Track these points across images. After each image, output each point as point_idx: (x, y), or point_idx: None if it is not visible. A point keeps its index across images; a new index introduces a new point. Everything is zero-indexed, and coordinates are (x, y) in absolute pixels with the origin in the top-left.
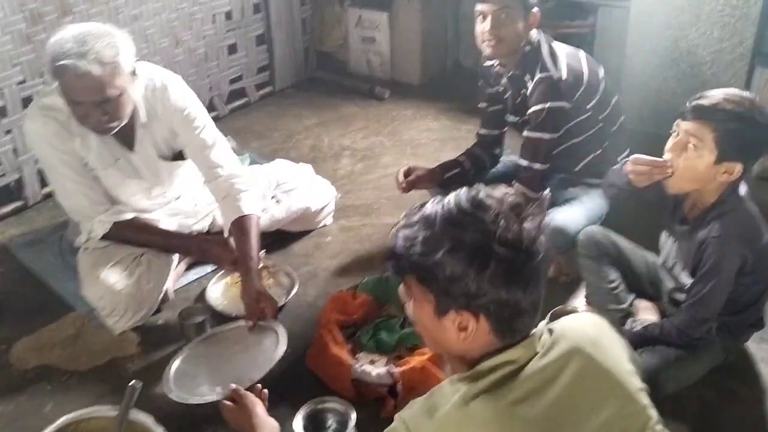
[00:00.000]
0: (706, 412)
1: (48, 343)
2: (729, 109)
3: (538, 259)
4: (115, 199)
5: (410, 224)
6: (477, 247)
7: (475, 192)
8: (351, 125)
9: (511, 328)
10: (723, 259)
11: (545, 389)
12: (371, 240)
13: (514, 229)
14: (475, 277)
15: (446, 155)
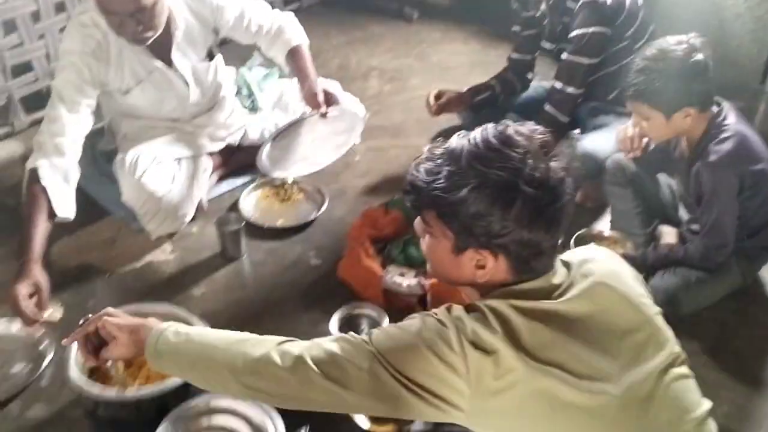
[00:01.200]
0: (723, 333)
1: (86, 244)
2: (637, 81)
3: (564, 200)
4: (149, 113)
5: (433, 158)
6: (504, 185)
7: (503, 127)
8: (379, 45)
9: (529, 268)
10: (718, 184)
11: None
12: (399, 161)
13: (541, 168)
14: (500, 215)
15: (475, 79)
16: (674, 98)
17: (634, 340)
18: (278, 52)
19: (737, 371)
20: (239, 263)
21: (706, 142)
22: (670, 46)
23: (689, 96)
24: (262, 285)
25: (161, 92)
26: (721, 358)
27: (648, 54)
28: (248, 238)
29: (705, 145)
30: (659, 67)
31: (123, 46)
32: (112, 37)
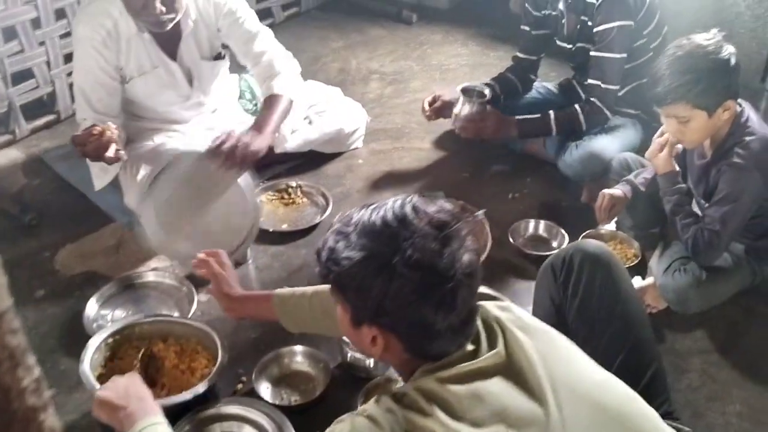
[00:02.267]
0: (733, 332)
1: (90, 251)
2: (678, 83)
3: (455, 282)
4: (149, 108)
5: (338, 229)
6: (383, 263)
7: (406, 204)
8: (379, 48)
9: (423, 351)
10: (739, 186)
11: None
12: (402, 163)
13: (429, 249)
14: (380, 293)
15: (476, 81)
16: (716, 94)
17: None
18: (264, 93)
19: (748, 370)
20: (244, 268)
21: (731, 142)
22: (701, 42)
23: (728, 89)
24: (269, 289)
25: (163, 87)
26: (732, 356)
27: (681, 54)
28: (253, 242)
29: (730, 146)
30: (698, 65)
31: (132, 36)
32: (123, 25)
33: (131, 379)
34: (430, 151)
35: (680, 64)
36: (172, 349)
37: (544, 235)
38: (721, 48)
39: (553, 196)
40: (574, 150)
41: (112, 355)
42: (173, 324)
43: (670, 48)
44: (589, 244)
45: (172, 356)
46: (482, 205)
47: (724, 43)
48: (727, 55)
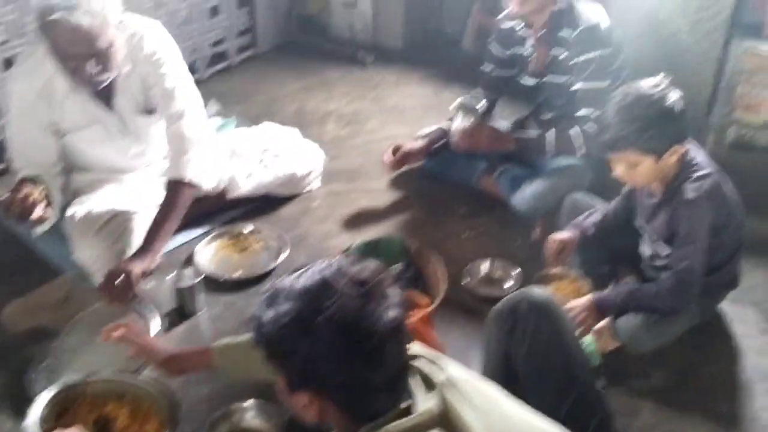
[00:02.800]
0: (683, 368)
1: (38, 305)
2: (627, 132)
3: (380, 339)
4: (92, 161)
5: (267, 296)
6: (306, 325)
7: (329, 266)
8: (335, 90)
9: (360, 412)
10: (696, 222)
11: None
12: (359, 204)
13: (350, 308)
14: (306, 356)
15: (431, 121)
16: (663, 140)
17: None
18: (170, 168)
19: (702, 407)
20: (197, 319)
21: (680, 180)
22: (647, 91)
23: (675, 135)
24: None
25: (101, 141)
26: (685, 394)
27: (628, 102)
28: (206, 291)
29: (680, 184)
30: (645, 113)
31: (69, 90)
32: (57, 82)
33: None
34: (387, 191)
35: (627, 112)
36: (124, 410)
37: (498, 274)
38: (667, 95)
39: (508, 235)
40: (527, 187)
41: (61, 413)
42: (125, 383)
43: (617, 95)
44: (536, 291)
45: (124, 417)
46: (438, 244)
47: (669, 90)
48: (672, 103)
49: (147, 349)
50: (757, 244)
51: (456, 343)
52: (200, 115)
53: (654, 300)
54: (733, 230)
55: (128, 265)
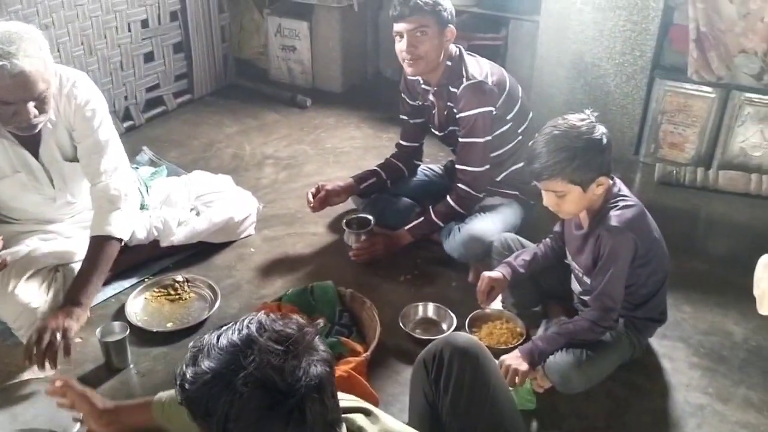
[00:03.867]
0: (615, 406)
1: None
2: (554, 161)
3: (300, 397)
4: (16, 210)
5: (190, 353)
6: (224, 384)
7: (252, 322)
8: (273, 133)
9: None
10: (617, 247)
11: None
12: (295, 249)
13: (269, 365)
14: (223, 415)
15: (369, 163)
16: (589, 171)
17: None
18: (94, 225)
19: None
20: (126, 374)
21: (606, 209)
22: (576, 123)
23: (601, 166)
24: (151, 395)
25: (26, 190)
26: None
27: (557, 133)
28: (136, 344)
29: (606, 212)
30: (572, 144)
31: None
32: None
33: None
34: (324, 235)
35: (556, 142)
36: None
37: (433, 317)
38: (594, 128)
39: (443, 277)
40: (457, 233)
41: None
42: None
43: (547, 127)
44: (459, 337)
45: None
46: (374, 289)
47: (597, 123)
48: (599, 135)
49: (87, 401)
50: (684, 280)
51: (391, 389)
52: (128, 169)
53: (582, 333)
54: (657, 263)
55: (59, 321)
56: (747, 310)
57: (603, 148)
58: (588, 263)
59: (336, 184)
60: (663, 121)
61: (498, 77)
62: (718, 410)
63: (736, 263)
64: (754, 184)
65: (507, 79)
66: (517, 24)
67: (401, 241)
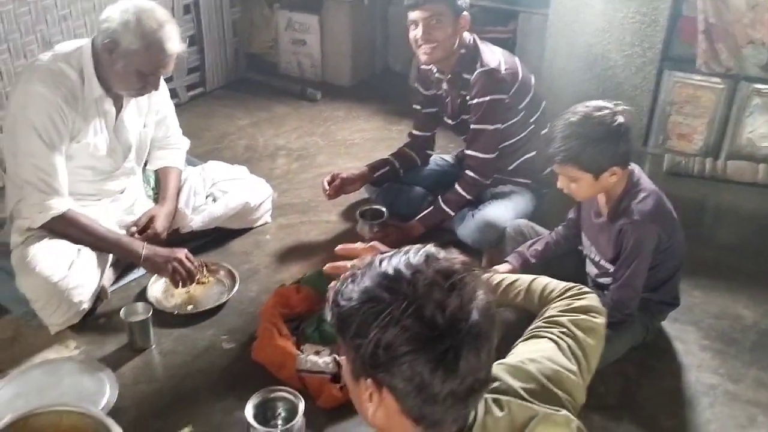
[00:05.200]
0: (627, 386)
1: None
2: (567, 147)
3: (458, 341)
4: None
5: (351, 272)
6: (380, 308)
7: (420, 252)
8: (284, 125)
9: (423, 415)
10: (642, 241)
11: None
12: (309, 236)
13: (430, 299)
14: (375, 339)
15: (380, 154)
16: (602, 160)
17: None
18: (157, 160)
19: (645, 424)
20: (148, 354)
21: (627, 200)
22: (594, 111)
23: (615, 156)
24: (173, 375)
25: (95, 154)
26: (629, 412)
27: (574, 120)
28: (157, 326)
29: (627, 204)
30: (587, 132)
31: (90, 100)
32: (85, 89)
33: None
34: (338, 223)
35: (572, 128)
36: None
37: None
38: (613, 117)
39: None
40: (471, 219)
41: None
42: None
43: (567, 112)
44: None
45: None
46: None
47: (618, 113)
48: (616, 126)
49: None
50: (694, 267)
51: None
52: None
53: None
54: (674, 249)
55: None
56: (757, 295)
57: (619, 139)
58: (608, 251)
59: (350, 172)
60: (672, 112)
61: (511, 66)
62: (730, 390)
63: (745, 251)
64: (761, 173)
65: (520, 69)
66: (526, 17)
67: (413, 232)
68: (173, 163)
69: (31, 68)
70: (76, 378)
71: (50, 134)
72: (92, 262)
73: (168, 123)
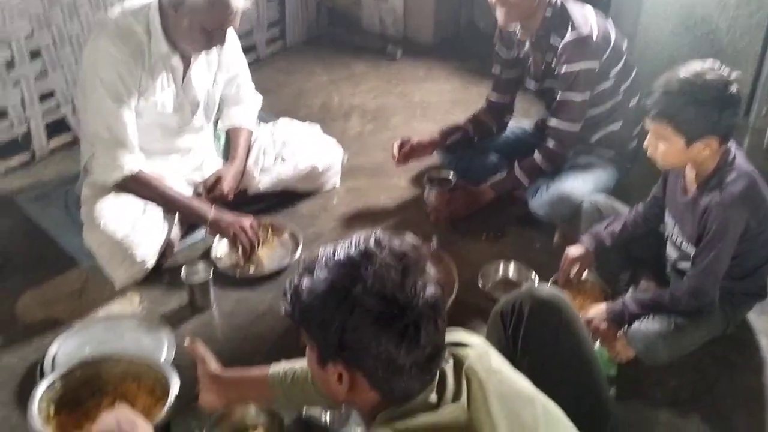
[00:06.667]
0: (703, 380)
1: (53, 297)
2: (667, 103)
3: (417, 314)
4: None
5: (304, 266)
6: (343, 294)
7: (369, 238)
8: (362, 84)
9: (390, 388)
10: (727, 225)
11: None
12: (378, 201)
13: (389, 279)
14: (340, 324)
15: (457, 117)
16: (700, 125)
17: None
18: (227, 118)
19: (719, 422)
20: (208, 314)
21: (717, 179)
22: (707, 72)
23: (716, 127)
24: (232, 337)
25: (163, 112)
26: (702, 408)
27: (683, 76)
28: (218, 287)
29: (716, 183)
30: (694, 91)
31: (157, 56)
32: (152, 46)
33: (119, 411)
34: (407, 188)
35: (679, 84)
36: (141, 393)
37: (514, 277)
38: (727, 84)
39: (527, 237)
40: (545, 191)
41: (72, 395)
42: (135, 364)
43: (679, 67)
44: (541, 290)
45: (143, 400)
46: (454, 245)
47: (732, 81)
48: (729, 94)
49: (203, 364)
50: None
51: None
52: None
53: (672, 305)
54: (765, 236)
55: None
56: None
57: (725, 108)
58: (692, 232)
59: (422, 137)
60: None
61: (603, 31)
62: None
63: None
64: None
65: (613, 33)
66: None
67: (483, 197)
68: (244, 122)
69: (100, 24)
70: (136, 335)
71: (119, 90)
72: (158, 221)
73: (239, 81)
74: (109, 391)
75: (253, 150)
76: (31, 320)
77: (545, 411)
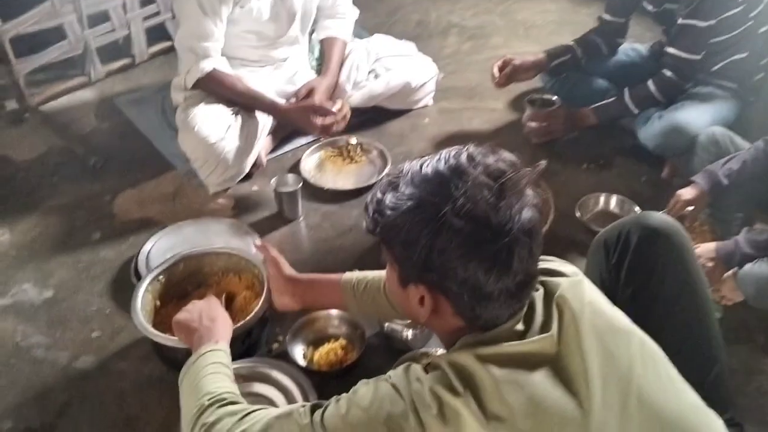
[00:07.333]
0: None
1: (149, 197)
2: None
3: (511, 239)
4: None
5: (388, 180)
6: (431, 213)
7: (461, 153)
8: (461, 0)
9: (475, 315)
10: None
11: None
12: (471, 124)
13: (483, 200)
14: (427, 246)
15: (563, 39)
16: None
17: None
18: (322, 30)
19: None
20: (295, 225)
21: None
22: None
23: None
24: (317, 249)
25: (267, 16)
26: None
27: None
28: (307, 199)
29: None
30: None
31: None
32: None
33: (207, 303)
34: (503, 112)
35: None
36: (243, 287)
37: (615, 210)
38: None
39: (632, 170)
40: (657, 121)
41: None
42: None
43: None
44: (652, 217)
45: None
46: (553, 174)
47: None
48: None
49: (276, 265)
50: None
51: None
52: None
53: None
54: None
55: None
56: None
57: None
58: None
59: (525, 58)
60: None
61: None
62: None
63: None
64: None
65: None
66: None
67: (584, 120)
68: (339, 33)
69: None
70: (226, 238)
71: (211, 1)
72: (250, 129)
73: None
74: (212, 283)
75: (345, 65)
76: (128, 218)
77: (641, 347)
